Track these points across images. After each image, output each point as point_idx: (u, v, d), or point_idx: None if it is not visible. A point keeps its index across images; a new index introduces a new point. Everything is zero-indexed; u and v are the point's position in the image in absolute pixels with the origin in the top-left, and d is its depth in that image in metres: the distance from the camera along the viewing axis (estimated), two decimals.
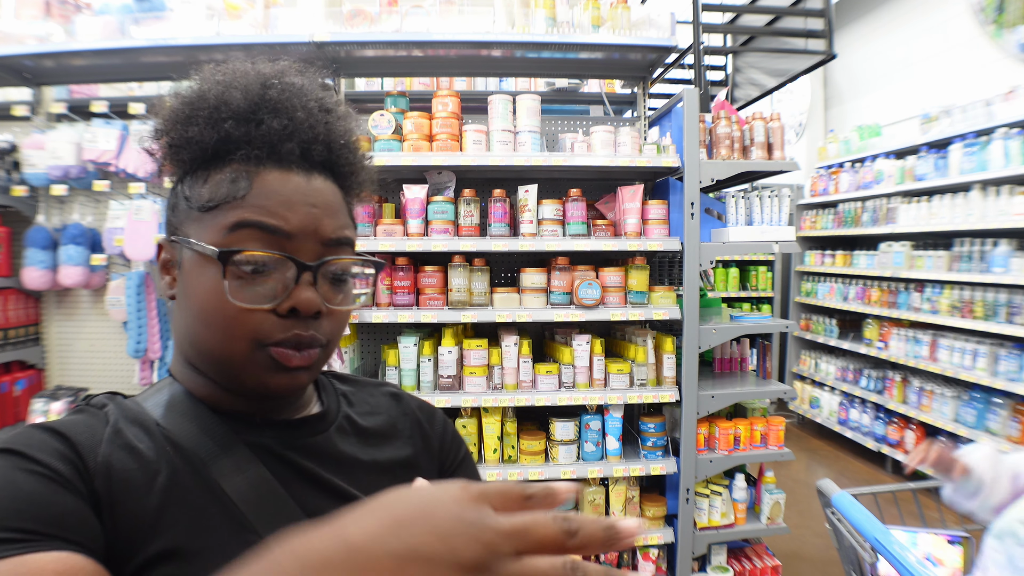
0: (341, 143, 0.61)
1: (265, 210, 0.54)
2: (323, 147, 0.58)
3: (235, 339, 0.53)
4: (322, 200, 0.57)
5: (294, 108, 0.57)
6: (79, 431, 0.52)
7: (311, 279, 0.55)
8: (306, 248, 0.56)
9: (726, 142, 2.29)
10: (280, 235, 0.54)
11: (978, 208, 3.53)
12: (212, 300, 0.54)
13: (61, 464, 0.48)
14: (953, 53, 4.57)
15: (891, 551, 1.21)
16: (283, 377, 0.55)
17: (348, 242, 0.60)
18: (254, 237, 0.54)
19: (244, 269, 0.53)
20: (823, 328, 5.15)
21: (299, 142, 0.57)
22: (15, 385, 2.34)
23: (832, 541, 1.54)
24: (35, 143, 2.27)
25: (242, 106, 0.56)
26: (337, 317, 0.59)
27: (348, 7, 2.30)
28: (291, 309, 0.54)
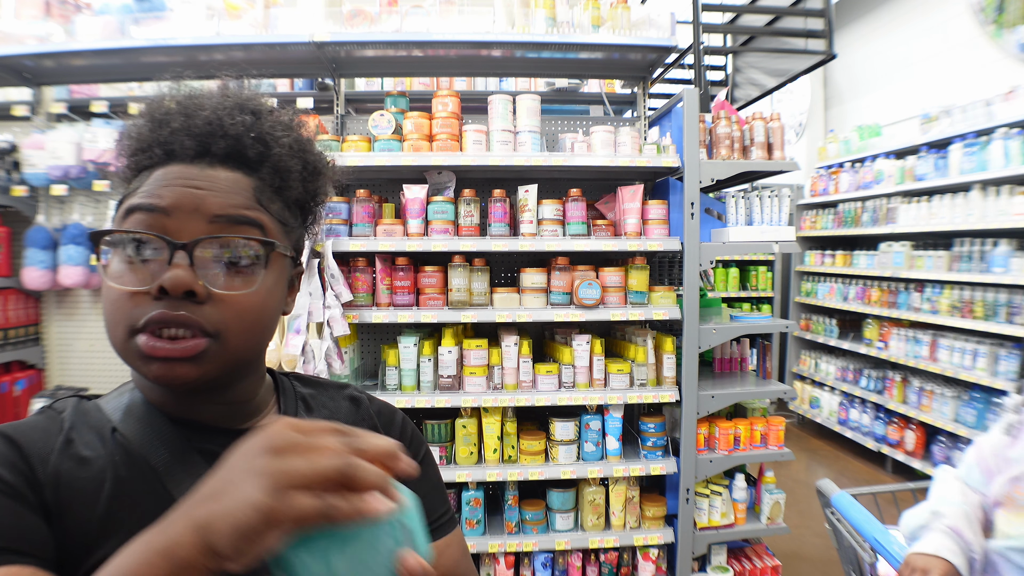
0: (251, 137, 0.59)
1: (146, 193, 0.55)
2: (225, 141, 0.58)
3: (115, 325, 0.53)
4: (211, 182, 0.56)
5: (199, 108, 0.58)
6: (33, 439, 0.53)
7: (185, 258, 0.52)
8: (186, 228, 0.54)
9: (726, 142, 2.29)
10: (158, 212, 0.53)
11: (978, 208, 3.53)
12: (104, 287, 0.54)
13: (12, 475, 0.49)
14: (953, 53, 4.57)
15: (891, 551, 1.21)
16: (158, 367, 0.52)
17: (247, 222, 0.56)
18: (137, 221, 0.54)
19: (125, 253, 0.53)
20: (823, 328, 5.15)
21: (194, 136, 0.57)
22: (15, 385, 2.34)
23: (832, 541, 1.54)
24: (35, 143, 2.27)
25: (158, 114, 0.59)
26: (229, 304, 0.54)
27: (348, 7, 2.30)
28: (160, 289, 0.51)
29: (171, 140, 0.57)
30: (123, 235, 0.53)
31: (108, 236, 0.54)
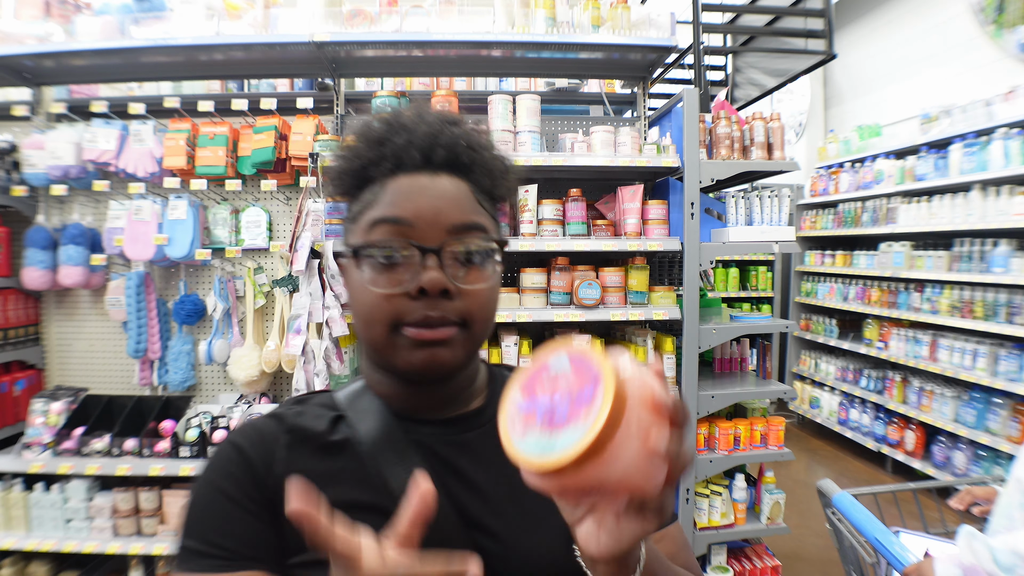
0: (463, 144, 0.65)
1: (390, 204, 0.62)
2: (444, 150, 0.64)
3: (377, 323, 0.61)
4: (443, 192, 0.63)
5: (416, 124, 0.65)
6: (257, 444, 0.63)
7: (436, 261, 0.60)
8: (431, 235, 0.61)
9: (726, 142, 2.29)
10: (404, 224, 0.61)
11: (978, 208, 3.53)
12: (358, 292, 0.62)
13: (239, 485, 0.60)
14: (953, 53, 4.57)
15: (892, 551, 1.21)
16: (422, 353, 0.60)
17: (477, 227, 0.63)
18: (386, 231, 0.61)
19: (379, 260, 0.61)
20: (823, 328, 5.15)
21: (419, 148, 0.63)
22: (15, 385, 2.34)
23: (832, 541, 1.54)
24: (35, 143, 2.27)
25: (377, 134, 0.65)
26: (471, 296, 0.62)
27: (348, 7, 2.30)
28: (420, 290, 0.59)
29: (400, 153, 0.64)
30: (382, 246, 0.61)
31: (368, 248, 0.61)
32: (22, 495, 2.17)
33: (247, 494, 0.60)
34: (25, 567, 2.26)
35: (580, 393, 0.39)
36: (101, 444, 2.15)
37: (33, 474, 2.15)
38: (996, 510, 1.26)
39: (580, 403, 0.38)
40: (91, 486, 2.18)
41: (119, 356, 2.45)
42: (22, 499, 2.17)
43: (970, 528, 1.17)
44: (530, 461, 0.38)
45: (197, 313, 2.36)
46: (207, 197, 2.42)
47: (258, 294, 2.36)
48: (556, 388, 0.41)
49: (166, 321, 2.39)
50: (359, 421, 0.66)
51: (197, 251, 2.24)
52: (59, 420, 2.22)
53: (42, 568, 2.26)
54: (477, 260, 0.63)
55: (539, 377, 0.43)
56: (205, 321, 2.43)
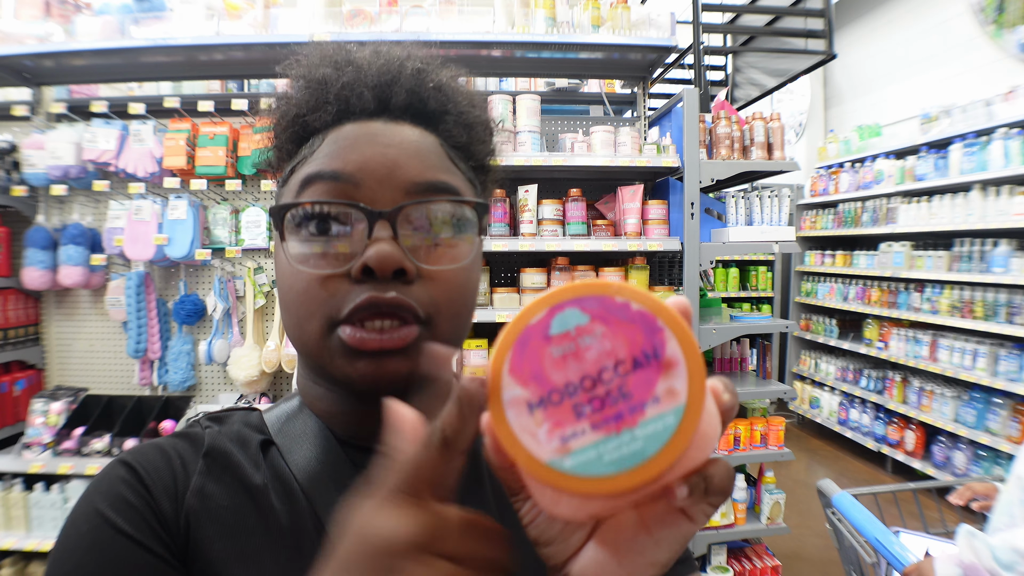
0: (430, 85, 0.50)
1: (329, 156, 0.46)
2: (405, 92, 0.49)
3: (309, 318, 0.44)
4: (399, 139, 0.47)
5: (371, 61, 0.50)
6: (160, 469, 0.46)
7: (389, 230, 0.43)
8: (382, 196, 0.45)
9: (726, 142, 2.29)
10: (345, 180, 0.45)
11: (978, 208, 3.53)
12: (285, 277, 0.46)
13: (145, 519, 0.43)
14: (953, 53, 4.57)
15: (892, 551, 1.21)
16: (364, 364, 0.43)
17: (446, 188, 0.47)
18: (320, 191, 0.45)
19: (309, 230, 0.44)
20: (823, 328, 5.15)
21: (371, 88, 0.48)
22: (15, 385, 2.34)
23: (832, 541, 1.54)
24: (35, 143, 2.27)
25: (316, 74, 0.50)
26: (441, 282, 0.45)
27: (348, 7, 2.30)
28: (364, 268, 0.42)
29: (345, 94, 0.48)
30: (310, 208, 0.44)
31: (292, 210, 0.45)
32: (22, 495, 2.17)
33: (148, 529, 0.42)
34: (25, 567, 2.26)
35: (640, 354, 0.26)
36: (101, 444, 2.15)
37: (33, 474, 2.15)
38: (997, 507, 1.26)
39: (648, 369, 0.26)
40: None
41: (119, 356, 2.45)
42: (22, 499, 2.17)
43: (969, 527, 1.17)
44: (603, 481, 0.25)
45: (197, 313, 2.36)
46: (207, 197, 2.42)
47: (258, 294, 2.36)
48: (584, 358, 0.26)
49: (166, 321, 2.39)
50: (292, 449, 0.49)
51: (197, 251, 2.24)
52: (59, 420, 2.22)
53: (42, 568, 2.25)
54: (447, 232, 0.46)
55: (538, 349, 0.27)
56: (205, 321, 2.43)
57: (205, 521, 0.45)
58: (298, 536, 0.46)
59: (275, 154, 0.53)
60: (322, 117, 0.48)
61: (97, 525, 0.42)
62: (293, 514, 0.47)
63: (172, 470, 0.46)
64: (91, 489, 0.45)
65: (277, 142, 0.52)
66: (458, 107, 0.52)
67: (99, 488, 0.44)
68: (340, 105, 0.48)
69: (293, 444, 0.50)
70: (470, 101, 0.54)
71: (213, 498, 0.46)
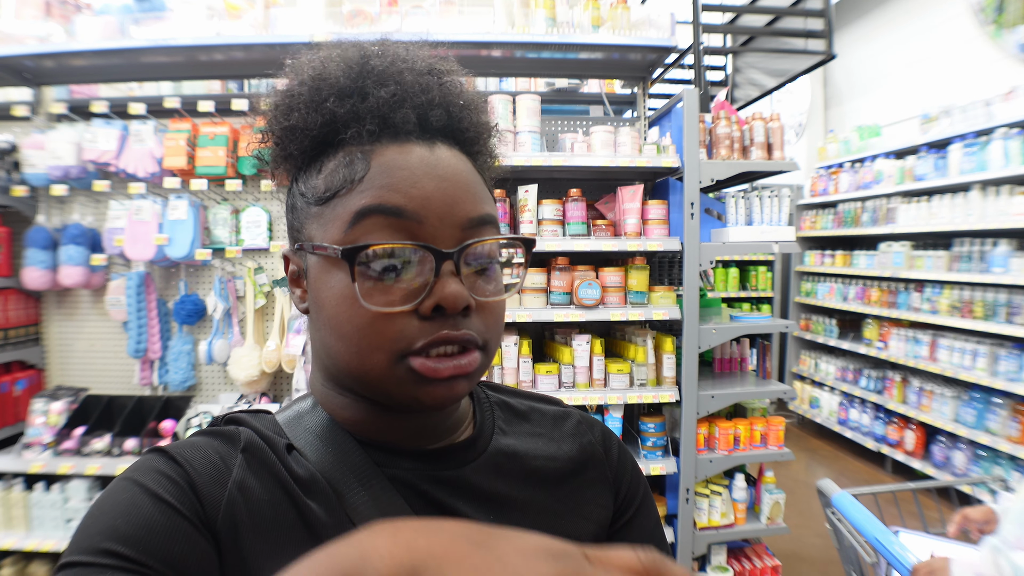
0: (460, 103, 0.52)
1: (388, 189, 0.46)
2: (441, 110, 0.50)
3: (373, 351, 0.45)
4: (451, 171, 0.48)
5: (401, 72, 0.50)
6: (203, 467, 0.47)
7: (454, 268, 0.46)
8: (443, 233, 0.46)
9: (726, 142, 2.29)
10: (408, 218, 0.45)
11: (978, 208, 3.53)
12: (343, 308, 0.46)
13: (188, 499, 0.44)
14: (953, 53, 4.57)
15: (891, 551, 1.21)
16: (438, 390, 0.46)
17: (491, 221, 0.50)
18: (380, 225, 0.45)
19: (374, 267, 0.45)
20: (823, 328, 5.15)
21: (413, 107, 0.48)
22: (15, 385, 2.34)
23: (832, 541, 1.54)
24: (35, 143, 2.27)
25: (343, 80, 0.49)
26: (490, 311, 0.49)
27: (348, 7, 2.30)
28: (435, 307, 0.45)
29: (385, 111, 0.48)
30: (380, 249, 0.45)
31: (365, 251, 0.45)
32: (22, 495, 2.17)
33: (192, 508, 0.43)
34: (25, 567, 2.26)
35: None
36: (101, 444, 2.15)
37: (33, 474, 2.15)
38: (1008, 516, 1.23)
39: None
40: (92, 486, 2.18)
41: (119, 356, 2.45)
42: (22, 499, 2.17)
43: (996, 542, 1.15)
44: None
45: (197, 313, 2.36)
46: (207, 197, 2.42)
47: (258, 294, 2.37)
48: None
49: (166, 321, 2.39)
50: (313, 451, 0.50)
51: (197, 251, 2.24)
52: (59, 420, 2.23)
53: (42, 568, 2.26)
54: (496, 264, 0.50)
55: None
56: (205, 321, 2.43)
57: (244, 513, 0.45)
58: (334, 532, 0.46)
59: (277, 152, 0.52)
60: (358, 133, 0.48)
61: (134, 493, 0.42)
62: (327, 511, 0.47)
63: (211, 462, 0.47)
64: (126, 472, 0.45)
65: (282, 143, 0.51)
66: (479, 122, 0.54)
67: (137, 468, 0.45)
68: (380, 122, 0.48)
69: (312, 446, 0.51)
70: (484, 111, 0.55)
71: (253, 491, 0.46)
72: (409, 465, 0.51)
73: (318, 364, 0.54)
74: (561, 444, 0.60)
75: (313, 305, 0.50)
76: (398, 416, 0.51)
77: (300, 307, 0.53)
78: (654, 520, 0.64)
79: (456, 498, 0.51)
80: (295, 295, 0.53)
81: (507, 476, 0.55)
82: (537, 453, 0.58)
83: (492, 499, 0.53)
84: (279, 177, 0.55)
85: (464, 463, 0.53)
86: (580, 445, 0.61)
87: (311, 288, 0.50)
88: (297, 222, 0.52)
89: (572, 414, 0.64)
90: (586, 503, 0.58)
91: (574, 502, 0.57)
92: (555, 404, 0.65)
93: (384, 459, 0.51)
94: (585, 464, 0.60)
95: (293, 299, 0.54)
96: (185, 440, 0.49)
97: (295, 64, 0.53)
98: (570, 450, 0.60)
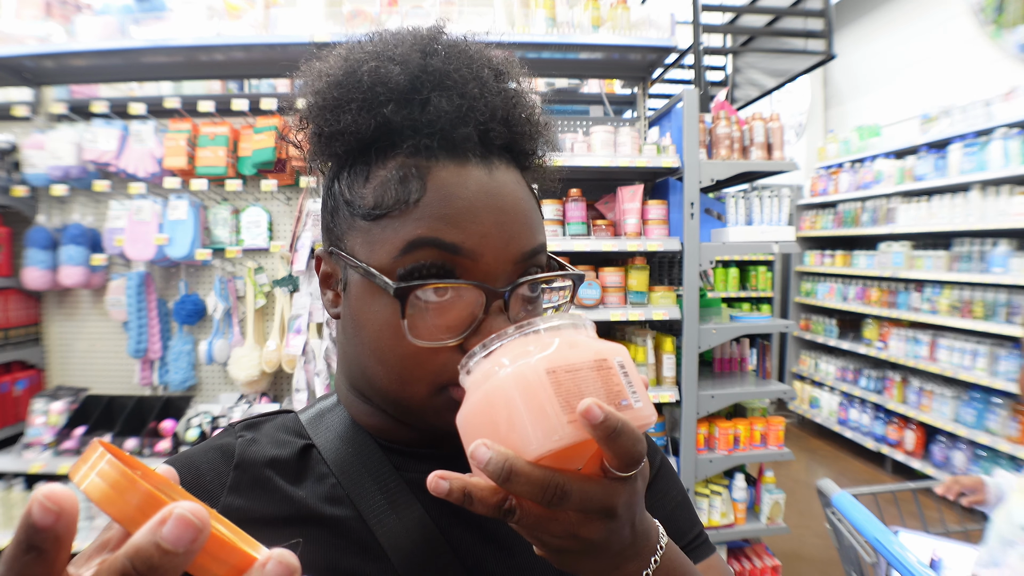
0: (523, 117, 0.49)
1: (445, 222, 0.44)
2: (503, 126, 0.47)
3: (415, 381, 0.45)
4: (511, 202, 0.46)
5: (465, 80, 0.46)
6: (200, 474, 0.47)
7: (503, 306, 0.45)
8: (497, 269, 0.45)
9: (726, 142, 2.29)
10: (465, 256, 0.44)
11: (977, 208, 3.53)
12: (387, 336, 0.45)
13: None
14: (953, 53, 4.57)
15: (891, 551, 1.21)
16: None
17: (542, 250, 0.49)
18: (433, 257, 0.44)
19: (423, 301, 0.44)
20: (823, 328, 5.15)
21: (476, 124, 0.45)
22: (15, 385, 2.34)
23: (832, 541, 1.54)
24: (35, 143, 2.27)
25: (402, 83, 0.45)
26: None
27: (348, 7, 2.30)
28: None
29: (446, 126, 0.45)
30: (434, 289, 0.44)
31: (413, 284, 0.43)
32: (23, 495, 2.17)
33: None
34: None
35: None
36: None
37: (34, 474, 2.15)
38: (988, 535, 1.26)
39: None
40: None
41: (120, 356, 2.45)
42: (23, 499, 2.17)
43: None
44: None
45: (197, 313, 2.36)
46: (207, 197, 2.42)
47: (258, 294, 2.37)
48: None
49: (166, 321, 2.39)
50: (332, 451, 0.50)
51: (197, 251, 2.24)
52: (60, 420, 2.23)
53: None
54: (540, 292, 0.50)
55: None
56: (205, 321, 2.43)
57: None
58: (342, 538, 0.47)
59: (319, 149, 0.49)
60: (415, 144, 0.45)
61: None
62: (333, 519, 0.47)
63: (201, 484, 0.47)
64: None
65: (327, 142, 0.48)
66: (538, 133, 0.51)
67: None
68: (440, 138, 0.45)
69: (332, 444, 0.51)
70: (544, 118, 0.52)
71: (243, 511, 0.46)
72: (427, 468, 0.49)
73: (345, 370, 0.53)
74: None
75: (350, 319, 0.49)
76: (422, 430, 0.51)
77: (331, 311, 0.51)
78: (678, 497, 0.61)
79: None
80: (326, 297, 0.52)
81: None
82: None
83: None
84: (315, 172, 0.53)
85: None
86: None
87: (349, 301, 0.48)
88: (337, 228, 0.49)
89: None
90: None
91: None
92: None
93: (402, 462, 0.51)
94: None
95: (324, 301, 0.52)
96: (181, 457, 0.49)
97: (349, 50, 0.49)
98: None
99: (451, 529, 0.49)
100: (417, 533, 0.47)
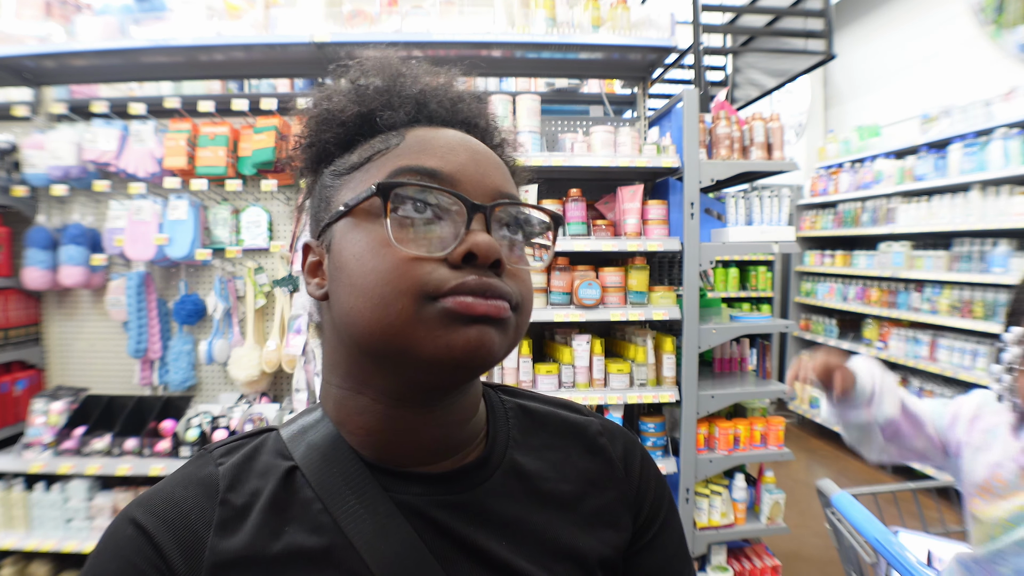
0: (478, 99, 0.55)
1: (424, 153, 0.47)
2: (467, 107, 0.54)
3: (398, 296, 0.43)
4: (486, 152, 0.51)
5: (427, 75, 0.54)
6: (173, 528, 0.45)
7: (485, 222, 0.46)
8: (475, 197, 0.47)
9: (726, 142, 2.29)
10: (443, 179, 0.46)
11: (977, 208, 3.53)
12: (369, 257, 0.45)
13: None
14: (953, 53, 4.57)
15: (891, 551, 1.21)
16: (469, 332, 0.43)
17: (519, 202, 0.51)
18: (415, 181, 0.46)
19: (406, 211, 0.45)
20: (823, 328, 5.15)
21: (441, 101, 0.52)
22: (15, 385, 2.34)
23: (832, 541, 1.54)
24: (35, 143, 2.27)
25: (379, 83, 0.52)
26: (520, 278, 0.48)
27: (348, 7, 2.30)
28: (466, 255, 0.44)
29: (420, 100, 0.51)
30: (413, 191, 0.45)
31: (398, 189, 0.45)
32: (22, 495, 2.17)
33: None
34: (25, 567, 2.26)
35: None
36: (102, 444, 2.15)
37: (34, 474, 2.15)
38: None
39: None
40: (92, 486, 2.18)
41: (120, 356, 2.45)
42: (22, 499, 2.17)
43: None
44: None
45: (197, 313, 2.36)
46: (207, 197, 2.42)
47: (258, 294, 2.37)
48: None
49: (166, 321, 2.39)
50: (315, 472, 0.48)
51: (197, 251, 2.24)
52: (60, 420, 2.23)
53: (43, 568, 2.26)
54: (522, 240, 0.51)
55: None
56: (205, 321, 2.43)
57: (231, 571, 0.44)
58: (332, 568, 0.45)
59: (311, 152, 0.54)
60: (396, 116, 0.50)
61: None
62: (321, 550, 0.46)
63: (187, 523, 0.45)
64: (99, 549, 0.44)
65: (314, 140, 0.53)
66: (501, 127, 0.58)
67: (105, 549, 0.44)
68: (415, 109, 0.51)
69: (317, 467, 0.49)
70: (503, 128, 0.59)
71: (230, 551, 0.45)
72: (418, 490, 0.49)
73: (331, 363, 0.52)
74: (578, 461, 0.57)
75: (335, 276, 0.48)
76: (416, 413, 0.49)
77: (317, 294, 0.51)
78: (677, 538, 0.61)
79: (467, 523, 0.49)
80: (311, 285, 0.52)
81: (520, 498, 0.52)
82: (549, 474, 0.55)
83: (505, 523, 0.50)
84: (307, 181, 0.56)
85: (476, 484, 0.51)
86: (598, 462, 0.58)
87: (333, 262, 0.48)
88: (324, 203, 0.51)
89: (592, 424, 0.61)
90: (603, 526, 0.55)
91: (589, 524, 0.54)
92: (576, 411, 0.62)
93: (391, 483, 0.49)
94: (603, 483, 0.57)
95: (309, 289, 0.52)
96: (163, 495, 0.47)
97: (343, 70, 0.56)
98: (587, 468, 0.57)
99: (445, 553, 0.47)
100: (410, 559, 0.46)
